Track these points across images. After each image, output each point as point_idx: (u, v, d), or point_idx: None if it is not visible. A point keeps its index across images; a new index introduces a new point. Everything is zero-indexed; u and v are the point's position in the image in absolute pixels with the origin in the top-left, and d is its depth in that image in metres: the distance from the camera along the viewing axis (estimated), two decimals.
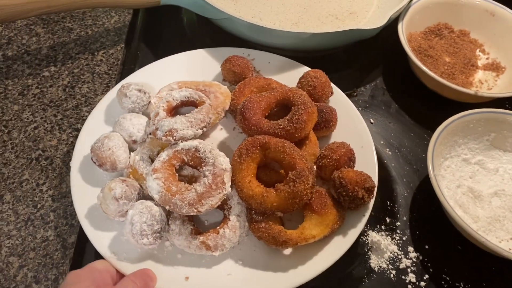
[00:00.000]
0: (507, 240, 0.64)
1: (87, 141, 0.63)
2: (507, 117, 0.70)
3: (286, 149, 0.58)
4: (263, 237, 0.57)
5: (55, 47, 0.81)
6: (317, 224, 0.58)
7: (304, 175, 0.56)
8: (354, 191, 0.57)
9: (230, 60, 0.72)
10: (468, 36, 0.89)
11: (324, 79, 0.69)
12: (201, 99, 0.64)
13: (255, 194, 0.57)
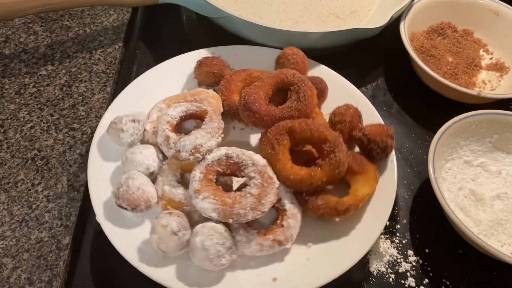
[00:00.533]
0: (509, 244, 0.63)
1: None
2: (510, 118, 0.69)
3: (311, 126, 0.60)
4: (324, 213, 0.58)
5: (53, 46, 0.80)
6: (365, 183, 0.61)
7: (339, 143, 0.59)
8: (383, 142, 0.62)
9: (205, 62, 0.70)
10: (471, 36, 0.88)
11: (301, 53, 0.71)
12: (201, 108, 0.63)
13: (302, 177, 0.58)
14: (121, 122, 0.62)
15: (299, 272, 0.57)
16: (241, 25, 0.77)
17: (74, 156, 0.67)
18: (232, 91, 0.68)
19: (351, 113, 0.65)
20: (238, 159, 0.58)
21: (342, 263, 0.56)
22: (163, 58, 0.81)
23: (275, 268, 0.58)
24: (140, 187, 0.57)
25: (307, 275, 0.56)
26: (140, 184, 0.57)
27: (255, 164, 0.58)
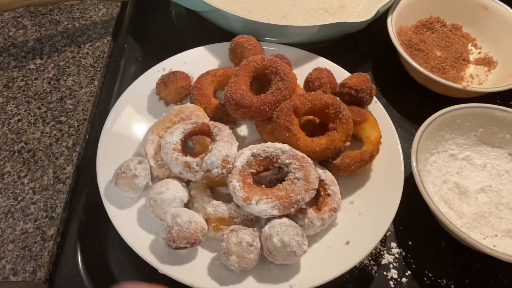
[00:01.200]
0: (492, 236, 0.63)
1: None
2: (495, 112, 0.69)
3: (311, 98, 0.62)
4: (355, 167, 0.62)
5: (42, 40, 0.81)
6: (371, 128, 0.66)
7: (339, 102, 0.63)
8: (368, 88, 0.67)
9: (171, 80, 0.68)
10: (460, 30, 0.88)
11: (252, 38, 0.73)
12: (198, 123, 0.61)
13: (326, 145, 0.61)
14: (130, 169, 0.58)
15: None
16: (229, 19, 0.77)
17: (61, 149, 0.68)
18: (207, 96, 0.68)
19: (326, 74, 0.69)
20: (266, 154, 0.59)
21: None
22: (151, 52, 0.83)
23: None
24: (191, 221, 0.54)
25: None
26: (189, 218, 0.55)
27: (284, 151, 0.59)
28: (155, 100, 0.70)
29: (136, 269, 0.59)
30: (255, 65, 0.65)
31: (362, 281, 0.61)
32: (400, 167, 0.64)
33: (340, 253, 0.58)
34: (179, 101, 0.70)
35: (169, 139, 0.59)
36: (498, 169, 0.69)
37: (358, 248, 0.58)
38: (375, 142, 0.64)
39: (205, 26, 0.84)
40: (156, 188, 0.58)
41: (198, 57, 0.74)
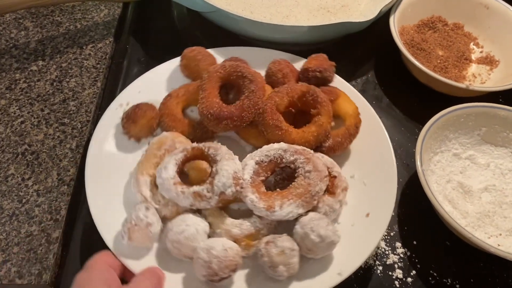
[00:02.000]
0: (496, 236, 0.63)
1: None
2: (498, 111, 0.69)
3: (286, 91, 0.64)
4: (347, 143, 0.65)
5: (44, 41, 0.81)
6: (345, 102, 0.67)
7: (313, 87, 0.64)
8: (330, 66, 0.69)
9: (139, 114, 0.64)
10: (462, 29, 0.88)
11: (203, 50, 0.71)
12: (188, 150, 0.59)
13: (318, 131, 0.63)
14: (141, 219, 0.54)
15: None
16: (231, 19, 0.77)
17: (65, 151, 0.68)
18: (179, 119, 0.65)
19: (285, 64, 0.69)
20: (269, 158, 0.59)
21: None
22: (154, 53, 0.83)
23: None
24: (226, 248, 0.52)
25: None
26: (223, 246, 0.53)
27: (285, 150, 0.59)
28: (123, 139, 0.66)
29: None
30: (219, 74, 0.65)
31: (368, 281, 0.61)
32: (383, 133, 0.66)
33: (365, 227, 0.59)
34: (151, 134, 0.66)
35: (165, 175, 0.56)
36: (501, 168, 0.70)
37: (378, 217, 0.59)
38: (354, 114, 0.66)
39: (207, 27, 0.84)
40: (175, 228, 0.55)
41: (150, 82, 0.70)
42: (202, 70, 0.67)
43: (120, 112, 0.66)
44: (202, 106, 0.63)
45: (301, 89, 0.64)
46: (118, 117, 0.66)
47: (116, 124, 0.66)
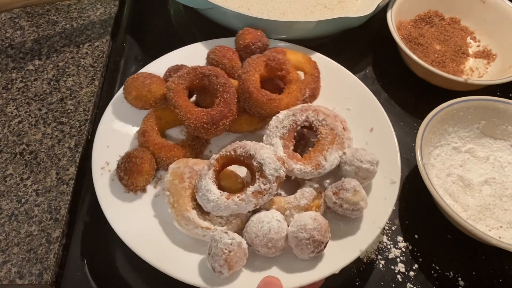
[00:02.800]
0: (497, 228, 0.63)
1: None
2: (497, 104, 0.69)
3: (251, 66, 0.65)
4: (319, 86, 0.71)
5: (40, 40, 0.80)
6: (292, 53, 0.71)
7: (271, 54, 0.67)
8: (263, 35, 0.73)
9: (136, 166, 0.59)
10: (459, 24, 0.88)
11: (140, 78, 0.67)
12: (213, 163, 0.58)
13: (300, 85, 0.67)
14: (230, 243, 0.52)
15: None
16: (228, 16, 0.76)
17: (63, 150, 0.67)
18: (172, 148, 0.63)
19: (225, 49, 0.71)
20: (286, 129, 0.61)
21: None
22: (150, 51, 0.82)
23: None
24: (313, 218, 0.55)
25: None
26: (310, 218, 0.55)
27: (294, 113, 0.62)
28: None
29: (143, 270, 0.59)
30: (182, 85, 0.64)
31: (370, 275, 0.61)
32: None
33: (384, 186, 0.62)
34: (154, 176, 0.63)
35: (213, 197, 0.55)
36: (501, 161, 0.70)
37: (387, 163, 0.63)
38: (306, 59, 0.71)
39: (204, 23, 0.83)
40: (259, 232, 0.54)
41: (109, 129, 0.66)
42: (158, 91, 0.65)
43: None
44: (190, 121, 0.61)
45: (263, 60, 0.66)
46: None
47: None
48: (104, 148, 0.63)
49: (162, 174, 0.63)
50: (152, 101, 0.66)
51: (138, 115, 0.66)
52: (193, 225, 0.56)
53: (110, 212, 0.57)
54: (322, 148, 0.61)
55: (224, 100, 0.63)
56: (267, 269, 0.55)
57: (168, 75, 0.68)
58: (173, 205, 0.57)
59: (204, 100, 0.67)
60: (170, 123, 0.67)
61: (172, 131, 0.68)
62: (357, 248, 0.56)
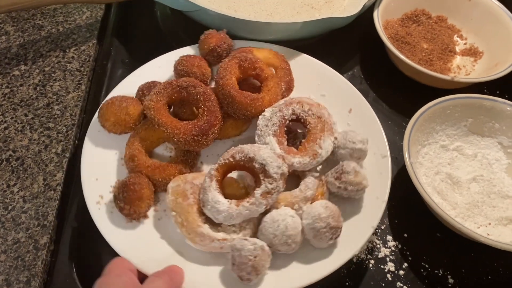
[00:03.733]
0: (486, 225, 0.64)
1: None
2: (483, 102, 0.70)
3: (226, 71, 0.65)
4: (293, 78, 0.72)
5: (25, 45, 0.79)
6: (258, 51, 0.71)
7: (243, 55, 0.67)
8: (225, 35, 0.72)
9: (136, 193, 0.58)
10: (445, 22, 0.89)
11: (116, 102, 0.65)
12: (214, 174, 0.58)
13: (277, 81, 0.68)
14: (253, 248, 0.52)
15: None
16: (215, 18, 0.76)
17: (50, 156, 0.67)
18: (166, 167, 0.62)
19: (192, 57, 0.70)
20: (277, 126, 0.62)
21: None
22: (137, 54, 0.82)
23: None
24: (325, 206, 0.56)
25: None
26: (321, 207, 0.56)
27: (280, 109, 0.63)
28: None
29: None
30: (162, 102, 0.63)
31: (360, 275, 0.61)
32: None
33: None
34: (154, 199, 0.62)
35: (223, 207, 0.55)
36: (488, 158, 0.70)
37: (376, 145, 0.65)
38: (273, 55, 0.72)
39: (191, 26, 0.83)
40: (277, 232, 0.55)
41: (93, 162, 0.64)
42: (136, 112, 0.64)
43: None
44: (179, 136, 0.61)
45: (236, 62, 0.66)
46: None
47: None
48: (93, 182, 0.61)
49: (160, 195, 0.62)
50: (132, 124, 0.64)
51: (118, 141, 0.65)
52: (209, 240, 0.55)
53: (119, 245, 0.56)
54: (315, 137, 0.62)
55: (208, 109, 0.62)
56: (287, 266, 0.57)
57: (142, 94, 0.66)
58: (182, 224, 0.56)
59: (184, 112, 0.66)
60: (155, 142, 0.66)
61: (157, 150, 0.67)
62: (369, 225, 0.58)
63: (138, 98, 0.67)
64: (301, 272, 0.56)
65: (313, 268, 0.56)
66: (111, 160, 0.64)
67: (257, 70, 0.67)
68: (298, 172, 0.63)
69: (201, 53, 0.73)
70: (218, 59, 0.71)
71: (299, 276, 0.55)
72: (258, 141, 0.63)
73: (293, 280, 0.55)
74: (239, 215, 0.55)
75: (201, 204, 0.57)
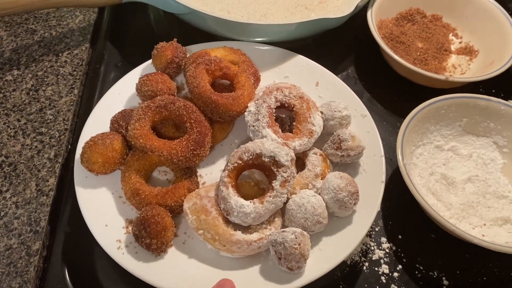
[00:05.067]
0: (481, 226, 0.63)
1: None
2: (478, 101, 0.69)
3: (198, 81, 0.64)
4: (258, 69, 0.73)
5: (18, 50, 0.79)
6: (218, 52, 0.70)
7: (210, 58, 0.67)
8: (177, 44, 0.72)
9: (158, 226, 0.56)
10: (440, 21, 0.88)
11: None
12: (227, 181, 0.58)
13: (248, 78, 0.68)
14: (295, 236, 0.54)
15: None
16: (207, 20, 0.76)
17: (43, 161, 0.67)
18: (173, 190, 0.61)
19: (153, 75, 0.67)
20: (267, 117, 0.63)
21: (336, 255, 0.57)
22: (131, 57, 0.81)
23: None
24: (339, 176, 0.59)
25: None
26: (335, 180, 0.59)
27: (264, 100, 0.64)
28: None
29: (125, 280, 0.58)
30: (145, 128, 0.62)
31: (354, 278, 0.60)
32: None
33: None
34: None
35: (248, 209, 0.56)
36: (484, 158, 0.70)
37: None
38: (232, 51, 0.72)
39: (185, 29, 0.83)
40: (307, 215, 0.56)
41: (96, 212, 0.61)
42: (122, 146, 0.63)
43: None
44: (178, 156, 0.60)
45: (203, 67, 0.65)
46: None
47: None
48: (105, 230, 0.58)
49: (175, 219, 0.61)
50: (119, 159, 0.62)
51: (110, 181, 0.63)
52: (246, 244, 0.56)
53: (160, 281, 0.54)
54: (305, 117, 0.64)
55: (195, 120, 0.62)
56: (319, 242, 0.58)
57: (118, 125, 0.64)
58: (214, 239, 0.56)
59: (168, 130, 0.65)
60: (149, 170, 0.64)
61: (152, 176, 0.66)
62: (374, 207, 0.60)
63: (115, 131, 0.64)
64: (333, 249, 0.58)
65: (344, 241, 0.58)
66: (111, 202, 0.62)
67: (224, 69, 0.67)
68: (299, 154, 0.64)
69: (159, 68, 0.70)
70: (178, 70, 0.71)
71: (333, 252, 0.57)
72: (254, 137, 0.63)
73: (329, 258, 0.56)
74: (266, 212, 0.57)
75: (225, 213, 0.57)
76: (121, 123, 0.64)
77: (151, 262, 0.56)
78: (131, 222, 0.60)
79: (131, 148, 0.64)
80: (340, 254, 0.56)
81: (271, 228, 0.57)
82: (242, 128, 0.69)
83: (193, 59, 0.68)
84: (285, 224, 0.59)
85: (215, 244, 0.56)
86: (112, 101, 0.69)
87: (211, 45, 0.74)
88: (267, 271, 0.56)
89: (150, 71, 0.71)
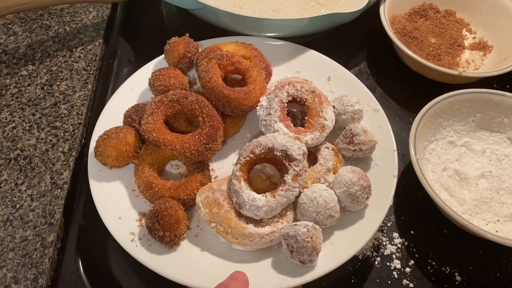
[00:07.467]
0: (494, 222, 0.63)
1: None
2: (492, 96, 0.69)
3: (210, 75, 0.64)
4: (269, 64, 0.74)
5: (33, 46, 0.80)
6: (229, 47, 0.71)
7: (224, 53, 0.67)
8: (189, 39, 0.71)
9: (171, 219, 0.56)
10: (454, 16, 0.87)
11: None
12: (239, 176, 0.58)
13: (260, 72, 0.69)
14: (307, 229, 0.54)
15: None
16: (220, 15, 0.76)
17: (57, 154, 0.67)
18: (186, 184, 0.61)
19: (166, 70, 0.68)
20: (280, 111, 0.63)
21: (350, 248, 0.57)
22: (143, 53, 0.82)
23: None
24: (351, 171, 0.59)
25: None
26: (347, 172, 0.59)
27: (276, 94, 0.64)
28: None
29: (139, 273, 0.59)
30: (158, 123, 0.62)
31: (366, 272, 0.60)
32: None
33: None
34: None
35: (261, 202, 0.56)
36: (497, 154, 0.69)
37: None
38: (242, 46, 0.72)
39: (197, 24, 0.83)
40: (319, 209, 0.56)
41: (109, 204, 0.61)
42: (135, 140, 0.63)
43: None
44: (191, 150, 0.60)
45: (215, 62, 0.65)
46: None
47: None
48: (119, 223, 0.58)
49: (187, 212, 0.60)
50: (132, 153, 0.63)
51: (122, 174, 0.63)
52: (258, 237, 0.56)
53: (174, 274, 0.54)
54: (317, 111, 0.64)
55: (207, 115, 0.62)
56: (331, 236, 0.58)
57: (131, 119, 0.65)
58: (226, 232, 0.56)
59: (180, 124, 0.66)
60: (162, 163, 0.65)
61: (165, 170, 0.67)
62: (387, 201, 0.60)
63: (128, 125, 0.65)
64: (345, 242, 0.58)
65: (356, 235, 0.58)
66: (125, 195, 0.62)
67: (236, 64, 0.67)
68: (311, 149, 0.64)
69: (171, 63, 0.71)
70: (190, 65, 0.71)
71: (345, 246, 0.57)
72: (266, 132, 0.64)
73: (341, 252, 0.56)
74: (278, 205, 0.57)
75: (237, 207, 0.57)
76: (134, 117, 0.65)
77: (164, 254, 0.57)
78: (144, 215, 0.60)
79: (144, 142, 0.65)
80: (352, 248, 0.56)
81: (283, 222, 0.58)
82: (254, 123, 0.69)
83: (205, 54, 0.69)
84: (297, 218, 0.59)
85: (227, 237, 0.56)
86: (125, 96, 0.70)
87: (223, 40, 0.75)
88: (279, 264, 0.56)
89: (162, 66, 0.71)
